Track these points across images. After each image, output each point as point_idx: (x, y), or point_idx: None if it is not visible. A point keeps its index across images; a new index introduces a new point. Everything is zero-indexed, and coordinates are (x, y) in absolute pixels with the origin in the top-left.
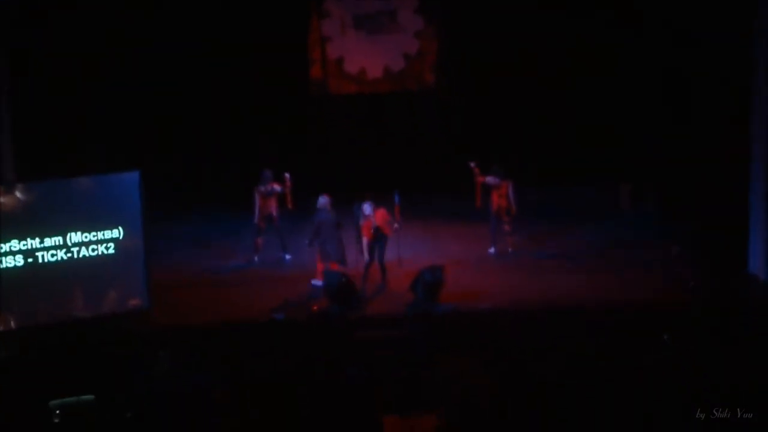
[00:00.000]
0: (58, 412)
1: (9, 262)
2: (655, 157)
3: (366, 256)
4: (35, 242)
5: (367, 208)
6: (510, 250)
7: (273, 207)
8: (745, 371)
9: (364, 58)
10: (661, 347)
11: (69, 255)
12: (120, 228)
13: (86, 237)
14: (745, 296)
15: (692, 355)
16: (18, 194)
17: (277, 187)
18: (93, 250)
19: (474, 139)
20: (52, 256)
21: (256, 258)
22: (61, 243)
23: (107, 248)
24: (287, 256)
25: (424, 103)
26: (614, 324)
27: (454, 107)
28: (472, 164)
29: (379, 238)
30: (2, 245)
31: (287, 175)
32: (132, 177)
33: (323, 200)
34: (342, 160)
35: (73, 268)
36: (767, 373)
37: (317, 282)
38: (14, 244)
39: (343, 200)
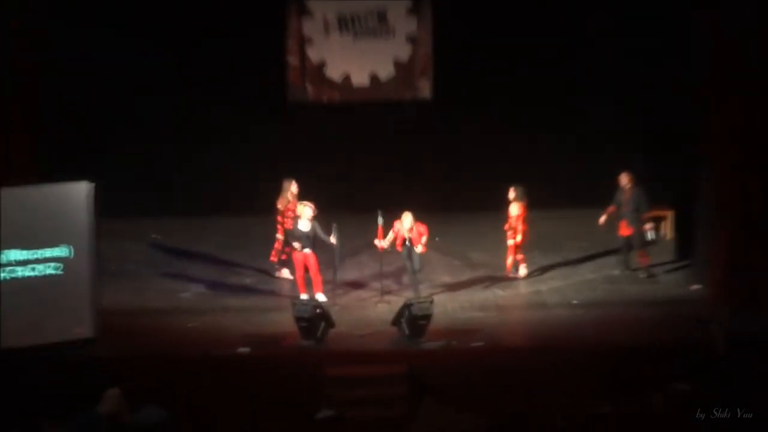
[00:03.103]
0: None
1: None
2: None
3: None
4: None
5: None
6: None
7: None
8: None
9: (349, 63)
10: (674, 394)
11: (3, 275)
12: (66, 246)
13: (25, 255)
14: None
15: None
16: None
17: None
18: (33, 270)
19: (475, 156)
20: None
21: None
22: None
23: (50, 268)
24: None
25: (416, 115)
26: (623, 366)
27: (452, 119)
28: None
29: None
30: None
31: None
32: (81, 188)
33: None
34: (322, 174)
35: (8, 290)
36: None
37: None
38: None
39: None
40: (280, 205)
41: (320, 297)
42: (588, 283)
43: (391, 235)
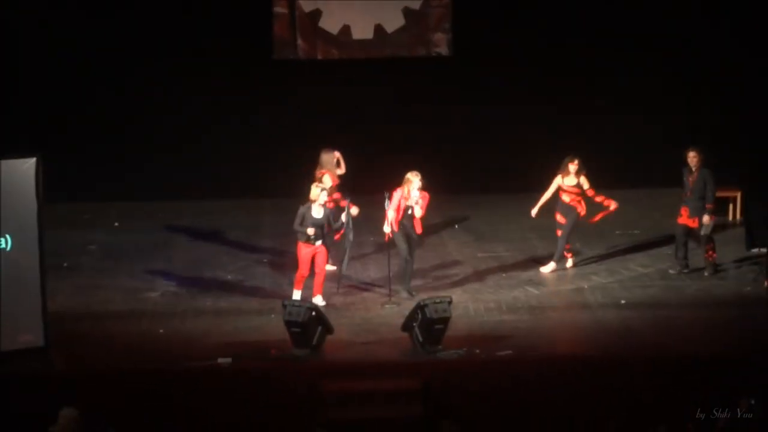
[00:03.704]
0: None
1: None
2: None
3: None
4: None
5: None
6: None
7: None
8: None
9: (349, 11)
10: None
11: None
12: (6, 236)
13: None
14: None
15: None
16: None
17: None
18: None
19: (502, 126)
20: None
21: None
22: None
23: None
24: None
25: (431, 74)
26: (682, 380)
27: (474, 81)
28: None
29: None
30: None
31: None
32: (24, 165)
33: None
34: (314, 148)
35: None
36: None
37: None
38: None
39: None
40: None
41: (318, 300)
42: (639, 279)
43: (392, 213)
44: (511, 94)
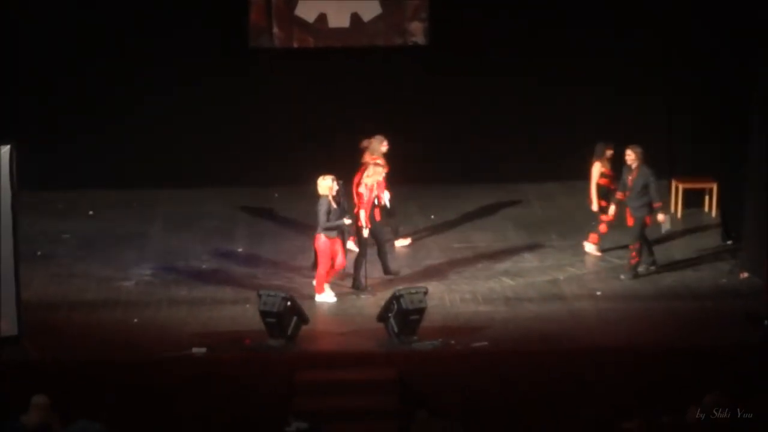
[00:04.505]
0: None
1: None
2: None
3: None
4: None
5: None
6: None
7: None
8: None
9: (326, 0)
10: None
11: None
12: None
13: None
14: None
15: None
16: None
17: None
18: None
19: (480, 116)
20: None
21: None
22: None
23: None
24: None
25: (406, 64)
26: (655, 372)
27: (450, 70)
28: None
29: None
30: None
31: None
32: None
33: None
34: (291, 138)
35: None
36: None
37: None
38: None
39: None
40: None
41: (330, 296)
42: (615, 270)
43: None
44: (488, 84)
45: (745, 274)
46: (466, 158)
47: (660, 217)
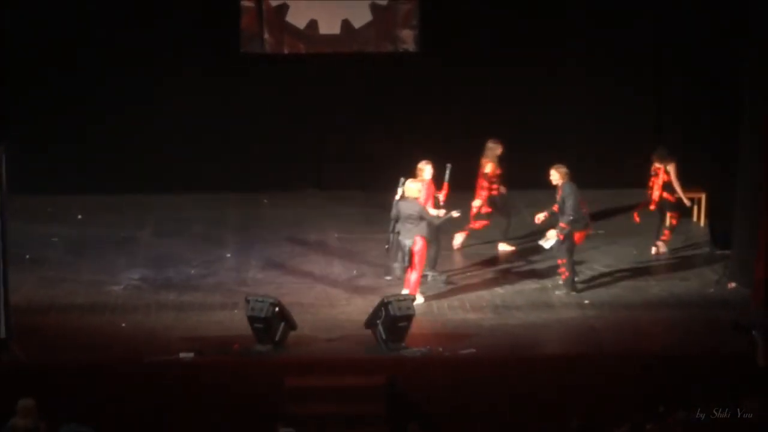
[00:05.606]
0: None
1: None
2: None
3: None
4: None
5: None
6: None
7: None
8: None
9: (316, 7)
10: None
11: None
12: None
13: None
14: None
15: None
16: None
17: None
18: None
19: (471, 121)
20: None
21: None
22: None
23: None
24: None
25: (397, 71)
26: (643, 381)
27: (440, 77)
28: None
29: None
30: None
31: None
32: None
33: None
34: (283, 143)
35: None
36: None
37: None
38: None
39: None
40: (487, 169)
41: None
42: (602, 279)
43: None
44: (478, 92)
45: (733, 284)
46: (456, 164)
47: (552, 233)
